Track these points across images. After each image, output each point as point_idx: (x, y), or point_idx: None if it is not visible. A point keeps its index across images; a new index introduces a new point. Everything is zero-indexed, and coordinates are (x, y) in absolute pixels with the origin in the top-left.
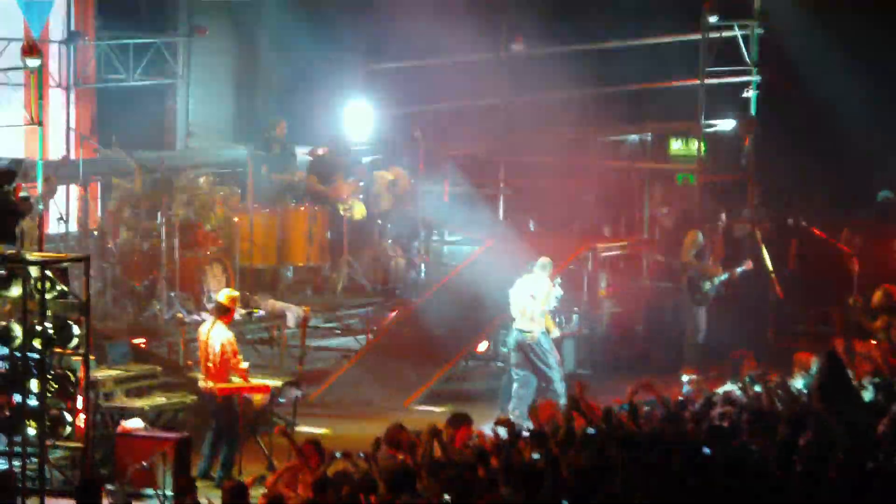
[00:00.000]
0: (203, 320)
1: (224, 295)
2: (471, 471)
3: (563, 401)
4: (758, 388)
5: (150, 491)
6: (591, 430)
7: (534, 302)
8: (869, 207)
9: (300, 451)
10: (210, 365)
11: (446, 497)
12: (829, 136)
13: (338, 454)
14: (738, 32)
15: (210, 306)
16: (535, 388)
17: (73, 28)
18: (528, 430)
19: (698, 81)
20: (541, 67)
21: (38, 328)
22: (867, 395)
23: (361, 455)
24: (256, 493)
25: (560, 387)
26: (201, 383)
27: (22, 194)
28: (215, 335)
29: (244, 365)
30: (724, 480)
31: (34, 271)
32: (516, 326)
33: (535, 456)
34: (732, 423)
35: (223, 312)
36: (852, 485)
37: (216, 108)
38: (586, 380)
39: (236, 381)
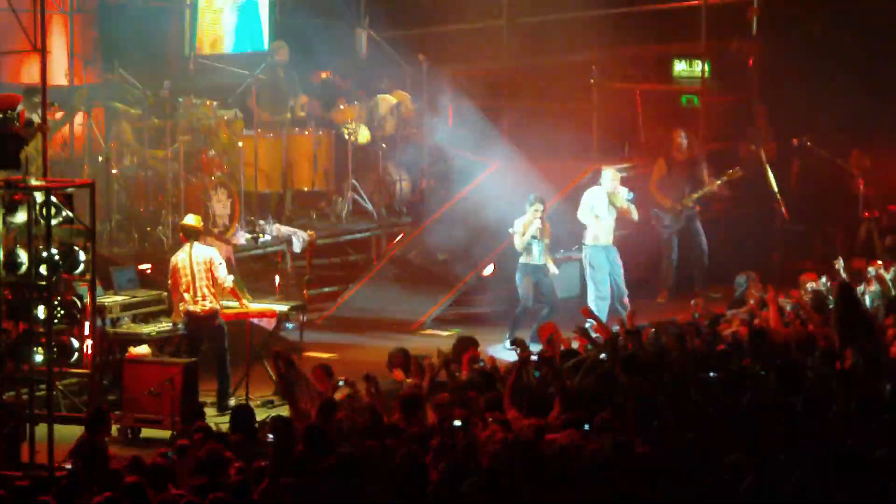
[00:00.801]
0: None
1: (192, 217)
2: (477, 393)
3: None
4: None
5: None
6: (602, 355)
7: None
8: (879, 129)
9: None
10: (201, 285)
11: (457, 422)
12: (836, 56)
13: (341, 382)
14: None
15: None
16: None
17: None
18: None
19: (702, 1)
20: None
21: (44, 254)
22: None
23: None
24: (264, 416)
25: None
26: (194, 307)
27: (27, 119)
28: (200, 254)
29: (230, 281)
30: (726, 400)
31: (39, 197)
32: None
33: (536, 374)
34: (737, 344)
35: (195, 235)
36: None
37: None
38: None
39: (246, 304)
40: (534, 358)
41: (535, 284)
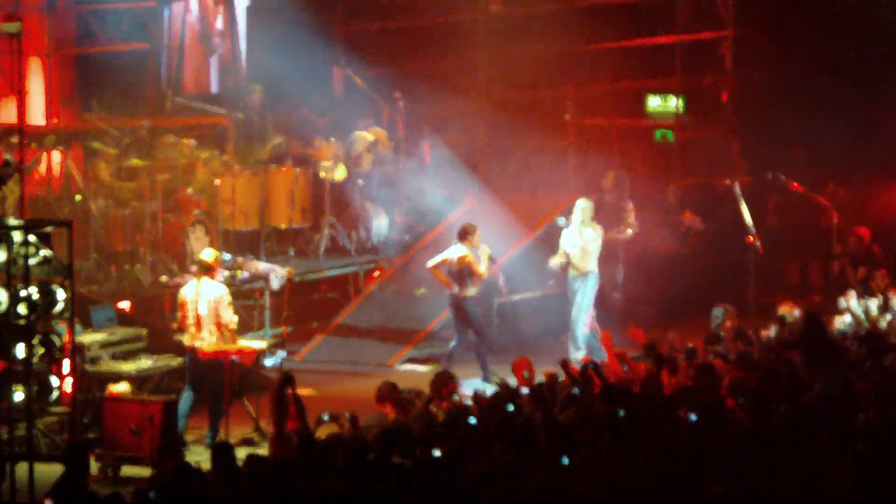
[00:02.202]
0: (186, 282)
1: (208, 253)
2: (459, 429)
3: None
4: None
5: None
6: (575, 391)
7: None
8: (854, 162)
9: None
10: (205, 321)
11: (436, 453)
12: (809, 90)
13: (325, 417)
14: None
15: (193, 268)
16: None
17: None
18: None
19: (675, 38)
20: (519, 26)
21: (23, 293)
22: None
23: (347, 416)
24: (242, 454)
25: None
26: (191, 342)
27: (5, 159)
28: (209, 291)
29: (234, 321)
30: (700, 435)
31: (17, 236)
32: None
33: (510, 408)
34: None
35: (207, 270)
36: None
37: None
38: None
39: (226, 342)
40: (524, 391)
41: (467, 316)
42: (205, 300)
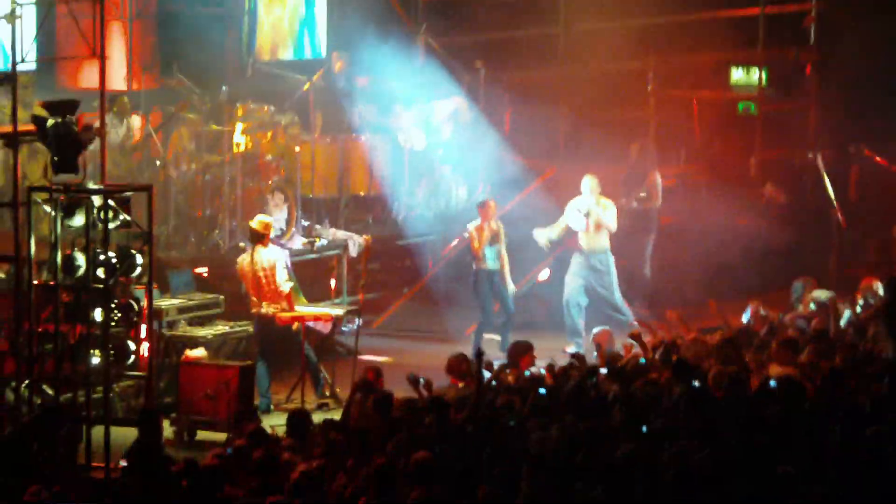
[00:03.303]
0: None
1: (257, 220)
2: (527, 399)
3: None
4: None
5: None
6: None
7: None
8: None
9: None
10: (265, 289)
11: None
12: (893, 64)
13: (412, 377)
14: None
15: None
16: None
17: None
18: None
19: (759, 9)
20: None
21: (102, 257)
22: None
23: (423, 381)
24: (318, 419)
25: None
26: (260, 309)
27: (85, 124)
28: (262, 259)
29: (287, 287)
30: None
31: (97, 201)
32: None
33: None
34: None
35: (259, 239)
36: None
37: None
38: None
39: (300, 309)
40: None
41: (492, 291)
42: (260, 268)
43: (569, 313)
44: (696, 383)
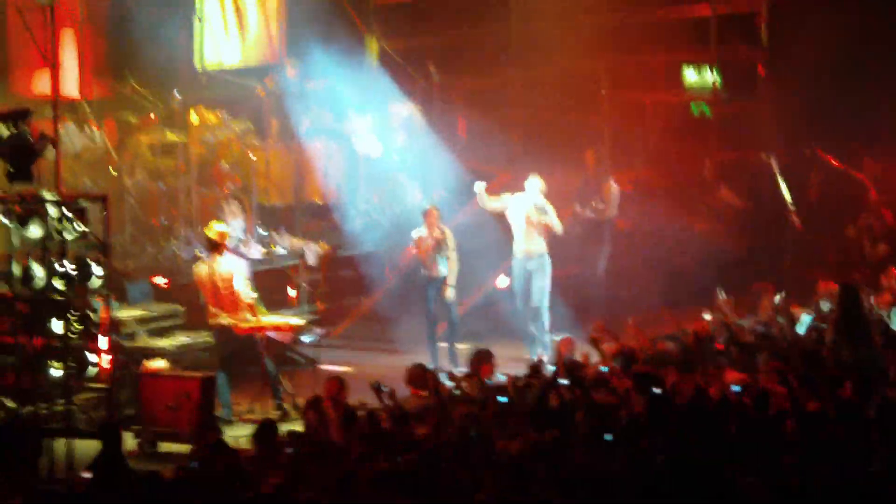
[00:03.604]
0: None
1: (213, 229)
2: (489, 408)
3: None
4: (780, 320)
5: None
6: (603, 368)
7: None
8: (889, 137)
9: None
10: (224, 299)
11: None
12: (846, 64)
13: (375, 385)
14: None
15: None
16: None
17: None
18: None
19: (711, 9)
20: None
21: (59, 268)
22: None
23: (386, 390)
24: (283, 430)
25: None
26: (219, 320)
27: (40, 132)
28: (220, 268)
29: (250, 297)
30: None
31: (53, 210)
32: None
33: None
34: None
35: (216, 248)
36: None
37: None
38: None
39: (263, 319)
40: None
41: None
42: (219, 278)
43: (523, 321)
44: (657, 391)
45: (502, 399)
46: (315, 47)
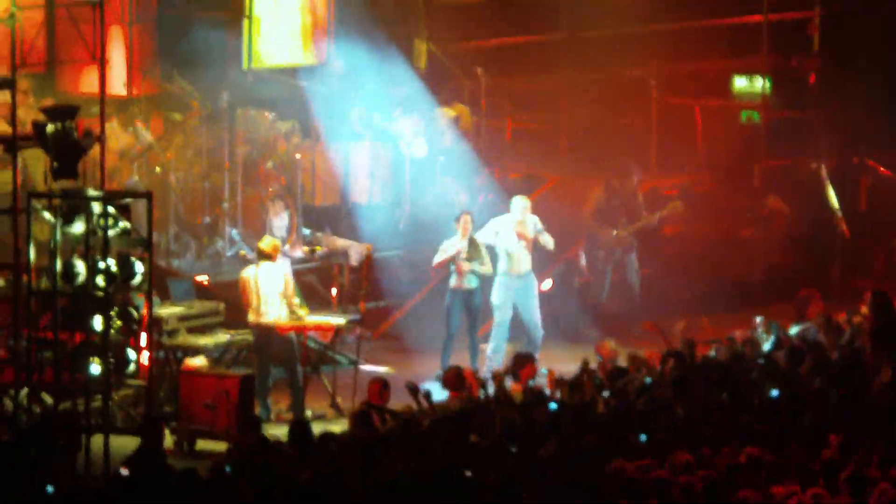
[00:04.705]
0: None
1: (266, 242)
2: (528, 413)
3: None
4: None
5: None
6: (647, 379)
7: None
8: None
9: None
10: (269, 301)
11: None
12: None
13: (408, 385)
14: None
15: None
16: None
17: None
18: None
19: (763, 17)
20: (604, 2)
21: (101, 265)
22: None
23: (423, 391)
24: (318, 430)
25: None
26: (261, 320)
27: (85, 129)
28: (268, 273)
29: (296, 301)
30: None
31: (96, 207)
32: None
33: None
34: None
35: (266, 258)
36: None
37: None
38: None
39: (304, 319)
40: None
41: (464, 311)
42: (265, 281)
43: (496, 336)
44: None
45: (552, 406)
46: (363, 48)
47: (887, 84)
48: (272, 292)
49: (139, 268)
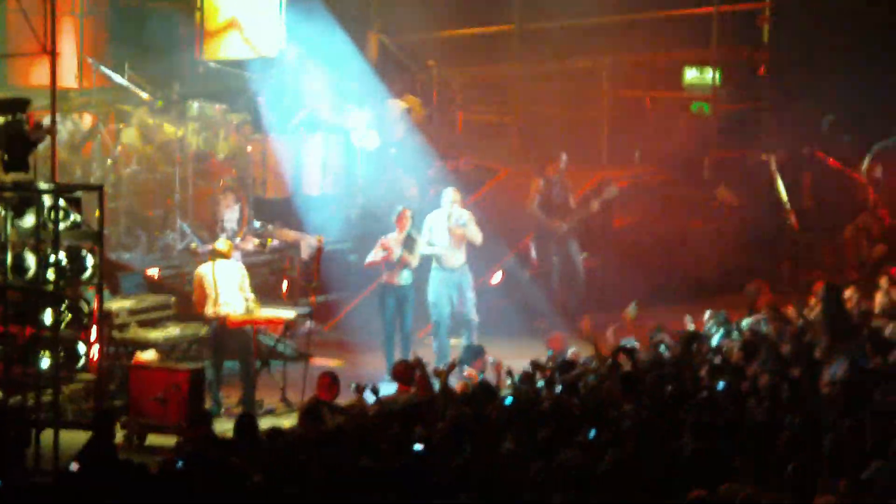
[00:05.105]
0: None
1: (222, 244)
2: (480, 408)
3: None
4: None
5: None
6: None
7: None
8: (887, 138)
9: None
10: (225, 294)
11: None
12: (847, 64)
13: (352, 386)
14: None
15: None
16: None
17: None
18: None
19: (713, 8)
20: None
21: (52, 258)
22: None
23: (370, 387)
24: (268, 424)
25: None
26: (219, 314)
27: (36, 122)
28: (223, 269)
29: (250, 296)
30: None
31: (47, 200)
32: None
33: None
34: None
35: (222, 257)
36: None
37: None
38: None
39: (255, 312)
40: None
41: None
42: (222, 275)
43: (438, 334)
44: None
45: (508, 400)
46: (314, 40)
47: (836, 75)
48: (230, 286)
49: (90, 261)
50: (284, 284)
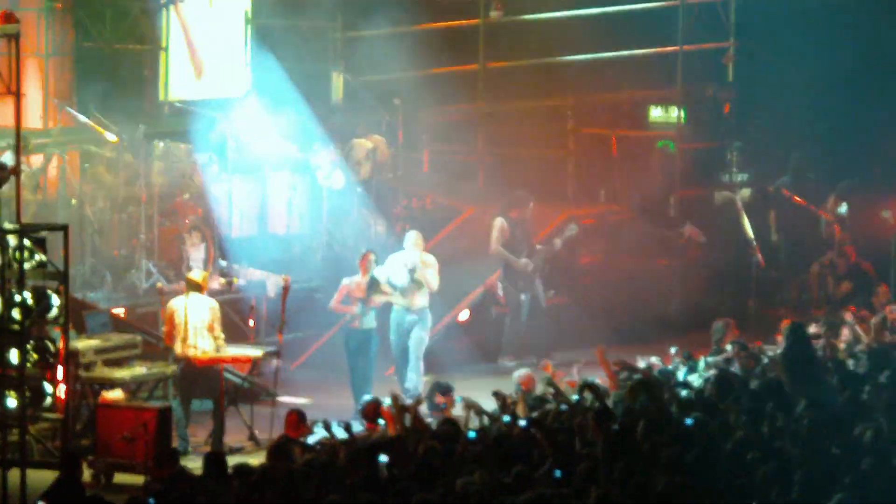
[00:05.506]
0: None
1: (196, 274)
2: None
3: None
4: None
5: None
6: (563, 407)
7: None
8: (853, 176)
9: None
10: (195, 333)
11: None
12: (812, 104)
13: (319, 424)
14: None
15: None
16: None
17: None
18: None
19: (678, 48)
20: (519, 35)
21: (17, 298)
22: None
23: (341, 425)
24: (234, 462)
25: None
26: (188, 353)
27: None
28: (196, 304)
29: (220, 336)
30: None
31: (12, 240)
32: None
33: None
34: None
35: (196, 288)
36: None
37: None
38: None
39: (222, 351)
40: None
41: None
42: (194, 313)
43: (400, 371)
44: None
45: (471, 434)
46: (280, 80)
47: (801, 114)
48: (200, 324)
49: (55, 301)
50: (251, 323)
